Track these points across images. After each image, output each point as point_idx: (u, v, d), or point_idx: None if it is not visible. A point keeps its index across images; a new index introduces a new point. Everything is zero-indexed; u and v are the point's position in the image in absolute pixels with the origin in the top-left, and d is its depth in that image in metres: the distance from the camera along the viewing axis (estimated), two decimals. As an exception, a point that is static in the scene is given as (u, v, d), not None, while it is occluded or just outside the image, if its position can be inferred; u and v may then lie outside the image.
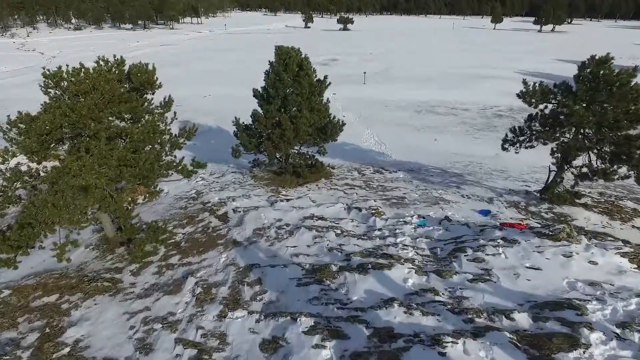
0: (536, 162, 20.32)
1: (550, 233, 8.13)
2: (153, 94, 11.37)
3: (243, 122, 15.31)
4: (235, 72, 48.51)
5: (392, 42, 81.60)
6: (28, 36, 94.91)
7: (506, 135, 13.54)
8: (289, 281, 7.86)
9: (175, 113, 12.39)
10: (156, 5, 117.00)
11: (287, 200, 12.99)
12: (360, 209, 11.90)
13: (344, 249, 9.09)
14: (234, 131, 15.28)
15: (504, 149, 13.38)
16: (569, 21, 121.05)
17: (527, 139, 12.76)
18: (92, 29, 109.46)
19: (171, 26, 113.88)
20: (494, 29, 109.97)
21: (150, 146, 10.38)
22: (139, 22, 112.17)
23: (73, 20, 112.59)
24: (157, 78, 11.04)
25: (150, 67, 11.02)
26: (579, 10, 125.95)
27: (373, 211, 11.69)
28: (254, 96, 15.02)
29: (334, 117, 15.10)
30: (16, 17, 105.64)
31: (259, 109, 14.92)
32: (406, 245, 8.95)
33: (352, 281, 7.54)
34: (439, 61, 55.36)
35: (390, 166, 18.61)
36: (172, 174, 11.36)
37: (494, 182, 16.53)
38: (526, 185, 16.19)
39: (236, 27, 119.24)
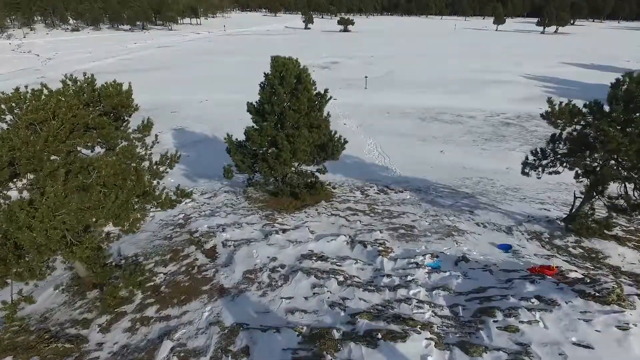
0: (550, 178, 18.96)
1: (597, 294, 6.78)
2: (129, 116, 10.00)
3: (236, 139, 13.91)
4: (233, 76, 47.19)
5: (393, 44, 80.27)
6: (25, 37, 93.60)
7: (526, 159, 12.11)
8: (282, 353, 6.51)
9: (156, 136, 11.04)
10: (155, 6, 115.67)
11: (283, 231, 11.60)
12: (365, 244, 10.53)
13: (348, 304, 7.73)
14: (227, 148, 13.87)
15: (524, 173, 11.96)
16: (572, 22, 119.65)
17: (551, 163, 11.36)
18: (90, 30, 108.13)
19: (170, 27, 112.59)
20: (497, 30, 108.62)
21: (123, 179, 8.99)
22: (137, 23, 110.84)
23: (70, 21, 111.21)
24: (133, 99, 9.66)
25: (125, 87, 9.65)
26: (581, 12, 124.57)
27: (379, 248, 10.32)
28: (247, 111, 13.62)
29: (335, 134, 13.70)
30: (13, 17, 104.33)
31: (254, 124, 13.53)
32: (421, 302, 7.58)
33: (359, 356, 6.18)
34: (442, 64, 54.01)
35: (396, 184, 17.22)
36: (150, 208, 9.99)
37: (509, 204, 15.14)
38: (545, 209, 14.79)
39: (235, 29, 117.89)
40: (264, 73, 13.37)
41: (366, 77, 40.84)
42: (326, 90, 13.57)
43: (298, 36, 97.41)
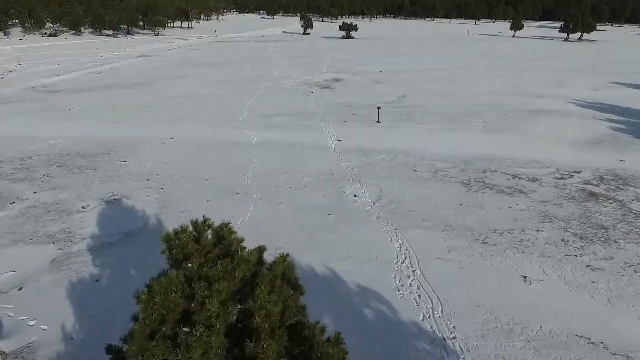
0: None
1: None
2: None
3: None
4: (213, 99, 38.19)
5: (403, 54, 71.28)
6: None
7: None
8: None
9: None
10: (142, 9, 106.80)
11: None
12: None
13: None
14: None
15: None
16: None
17: None
18: (70, 35, 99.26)
19: (157, 32, 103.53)
20: (514, 36, 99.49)
21: None
22: (123, 27, 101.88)
23: (47, 25, 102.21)
24: None
25: None
26: (603, 15, 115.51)
27: None
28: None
29: None
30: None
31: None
32: None
33: None
34: (466, 84, 44.96)
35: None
36: None
37: None
38: None
39: (228, 34, 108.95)
40: (136, 298, 4.24)
41: (379, 107, 31.79)
42: (338, 336, 4.45)
43: (295, 43, 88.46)
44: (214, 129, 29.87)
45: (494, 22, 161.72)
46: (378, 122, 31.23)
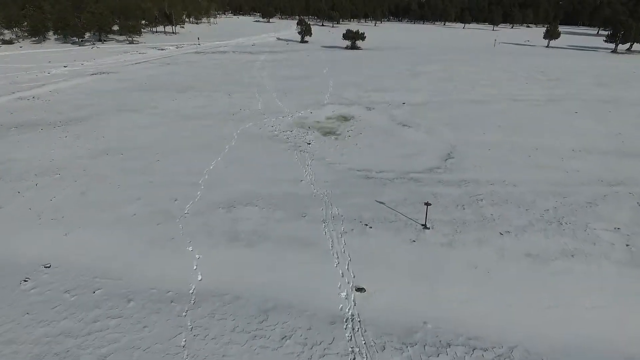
0: None
1: None
2: None
3: None
4: (160, 159, 24.54)
5: (427, 74, 56.44)
6: None
7: None
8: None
9: None
10: (118, 12, 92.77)
11: None
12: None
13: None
14: None
15: None
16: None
17: None
18: (30, 42, 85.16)
19: (131, 39, 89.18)
20: (548, 46, 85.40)
21: None
22: (93, 32, 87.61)
23: (5, 31, 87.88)
24: None
25: None
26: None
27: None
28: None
29: None
30: None
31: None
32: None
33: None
34: (538, 132, 30.46)
35: None
36: None
37: None
38: None
39: (214, 40, 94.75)
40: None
41: (428, 204, 17.63)
42: None
43: (291, 55, 73.92)
44: (133, 243, 16.16)
45: (512, 28, 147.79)
46: (426, 227, 17.30)
